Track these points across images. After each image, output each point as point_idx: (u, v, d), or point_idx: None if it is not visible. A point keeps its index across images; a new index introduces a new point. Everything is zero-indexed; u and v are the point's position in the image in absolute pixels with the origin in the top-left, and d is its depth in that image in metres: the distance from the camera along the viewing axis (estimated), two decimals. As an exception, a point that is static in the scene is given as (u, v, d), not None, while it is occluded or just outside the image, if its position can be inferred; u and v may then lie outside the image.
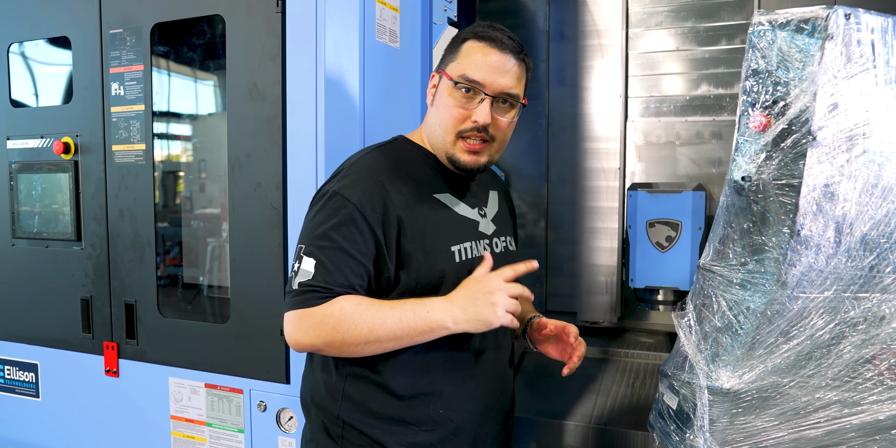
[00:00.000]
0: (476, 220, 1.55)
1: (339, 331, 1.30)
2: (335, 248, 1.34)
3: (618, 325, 2.86)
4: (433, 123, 1.48)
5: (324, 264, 1.34)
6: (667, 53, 2.74)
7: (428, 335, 1.34)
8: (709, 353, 1.44)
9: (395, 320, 1.31)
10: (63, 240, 2.14)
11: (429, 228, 1.42)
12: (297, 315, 1.34)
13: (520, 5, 2.95)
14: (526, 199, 2.95)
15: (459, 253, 1.47)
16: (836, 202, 1.29)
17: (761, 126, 1.31)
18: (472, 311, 1.31)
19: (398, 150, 1.51)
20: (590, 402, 2.47)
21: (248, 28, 1.82)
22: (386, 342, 1.32)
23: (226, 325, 1.90)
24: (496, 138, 1.47)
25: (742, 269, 1.39)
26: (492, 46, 1.43)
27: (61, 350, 2.17)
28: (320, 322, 1.31)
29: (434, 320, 1.32)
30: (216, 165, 2.40)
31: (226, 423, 1.93)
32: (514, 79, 1.45)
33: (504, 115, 1.46)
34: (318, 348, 1.35)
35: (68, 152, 2.10)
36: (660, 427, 1.59)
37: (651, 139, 2.74)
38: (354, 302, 1.33)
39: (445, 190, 1.51)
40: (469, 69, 1.42)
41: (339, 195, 1.37)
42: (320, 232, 1.36)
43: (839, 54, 1.26)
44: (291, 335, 1.35)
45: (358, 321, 1.30)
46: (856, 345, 1.37)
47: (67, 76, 2.18)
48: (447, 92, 1.44)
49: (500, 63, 1.43)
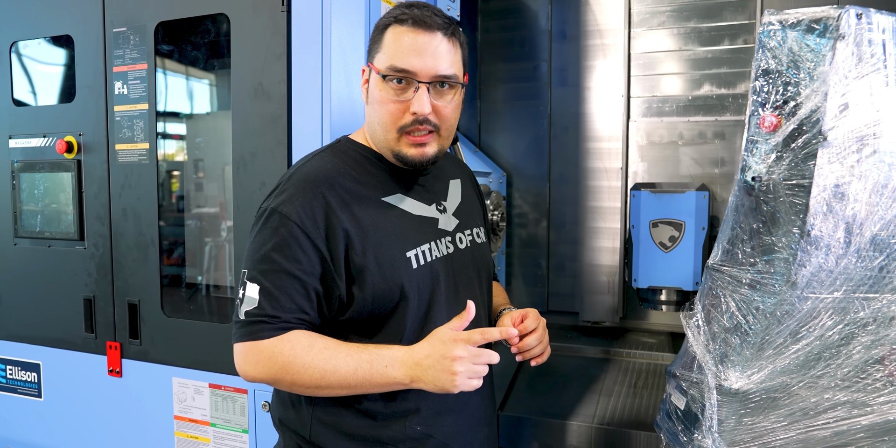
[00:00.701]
0: (434, 217, 1.45)
1: (289, 372, 1.24)
2: (278, 270, 1.26)
3: (620, 325, 2.86)
4: (372, 122, 1.38)
5: (268, 290, 1.25)
6: (669, 53, 2.74)
7: (383, 388, 1.27)
8: (717, 353, 1.44)
9: (349, 370, 1.23)
10: (66, 239, 2.13)
11: (380, 237, 1.32)
12: (245, 348, 1.26)
13: (522, 5, 2.94)
14: (528, 199, 2.95)
15: (417, 258, 1.36)
16: (846, 202, 1.29)
17: (772, 126, 1.31)
18: (430, 374, 1.22)
19: (340, 153, 1.40)
20: (592, 402, 2.47)
21: (253, 27, 1.82)
22: (338, 389, 1.25)
23: (229, 324, 1.88)
24: (441, 126, 1.35)
25: (751, 270, 1.38)
26: (415, 28, 1.29)
27: (64, 350, 2.16)
28: (269, 359, 1.24)
29: (391, 376, 1.23)
30: (218, 164, 2.39)
31: (230, 423, 1.92)
32: (446, 59, 1.31)
33: (443, 99, 1.33)
34: (268, 382, 1.28)
35: (71, 151, 2.09)
36: (667, 428, 1.59)
37: (654, 139, 2.74)
38: (307, 342, 1.25)
39: (396, 190, 1.40)
40: (396, 58, 1.29)
41: (278, 212, 1.27)
42: (261, 254, 1.27)
43: (850, 54, 1.26)
44: (240, 367, 1.28)
45: (308, 365, 1.23)
46: (865, 345, 1.37)
47: (63, 75, 2.17)
48: (378, 86, 1.32)
49: (427, 44, 1.29)
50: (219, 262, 2.37)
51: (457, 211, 1.51)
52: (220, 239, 2.34)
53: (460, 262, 1.46)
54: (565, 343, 2.75)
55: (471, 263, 1.50)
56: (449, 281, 1.41)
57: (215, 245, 2.39)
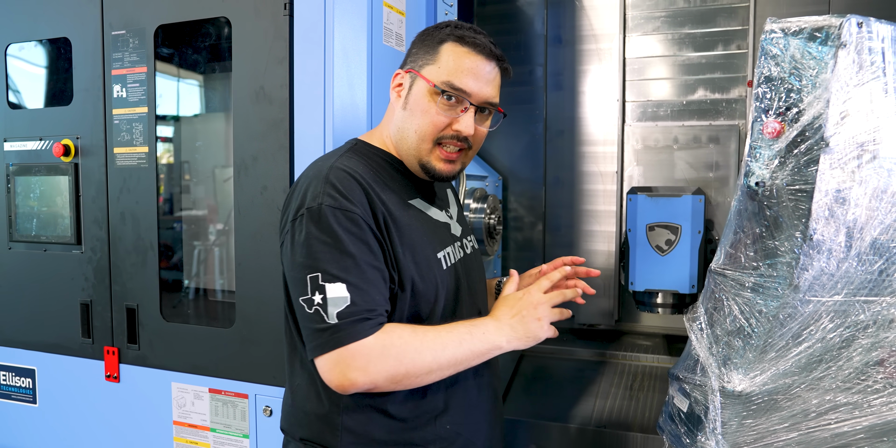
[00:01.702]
0: (448, 222, 1.50)
1: (403, 362, 1.20)
2: (359, 264, 1.21)
3: (615, 328, 2.88)
4: (406, 128, 1.38)
5: (356, 286, 1.20)
6: (663, 58, 2.77)
7: (482, 358, 1.29)
8: (720, 356, 1.46)
9: (455, 344, 1.24)
10: (62, 243, 2.12)
11: (414, 236, 1.33)
12: (350, 352, 1.18)
13: (517, 9, 2.96)
14: (523, 202, 2.96)
15: (445, 259, 1.40)
16: (847, 207, 1.31)
17: (775, 132, 1.33)
18: (521, 329, 1.29)
19: (364, 155, 1.40)
20: (588, 405, 2.48)
21: (254, 31, 1.82)
22: (446, 369, 1.25)
23: (231, 329, 1.88)
24: (473, 146, 1.41)
25: (754, 273, 1.40)
26: (477, 53, 1.35)
27: (60, 355, 2.14)
28: (381, 355, 1.18)
29: (492, 342, 1.27)
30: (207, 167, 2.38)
31: (230, 428, 1.91)
32: (496, 87, 1.39)
33: (484, 124, 1.41)
34: (375, 387, 1.21)
35: (68, 155, 2.07)
36: (670, 430, 1.60)
37: (649, 143, 2.76)
38: (409, 329, 1.24)
39: (416, 195, 1.43)
40: (454, 76, 1.33)
41: (333, 208, 1.23)
42: (337, 252, 1.21)
43: (851, 62, 1.29)
44: (346, 375, 1.18)
45: (421, 349, 1.21)
46: (865, 348, 1.39)
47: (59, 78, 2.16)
48: (426, 97, 1.35)
49: (485, 71, 1.35)
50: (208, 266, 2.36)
51: (458, 218, 1.57)
52: (209, 242, 2.32)
53: (470, 266, 1.50)
54: (561, 346, 2.77)
55: (476, 268, 1.56)
56: (464, 284, 1.44)
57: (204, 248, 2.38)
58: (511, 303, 1.33)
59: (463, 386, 1.41)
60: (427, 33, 1.42)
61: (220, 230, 2.36)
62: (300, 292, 1.21)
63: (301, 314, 1.23)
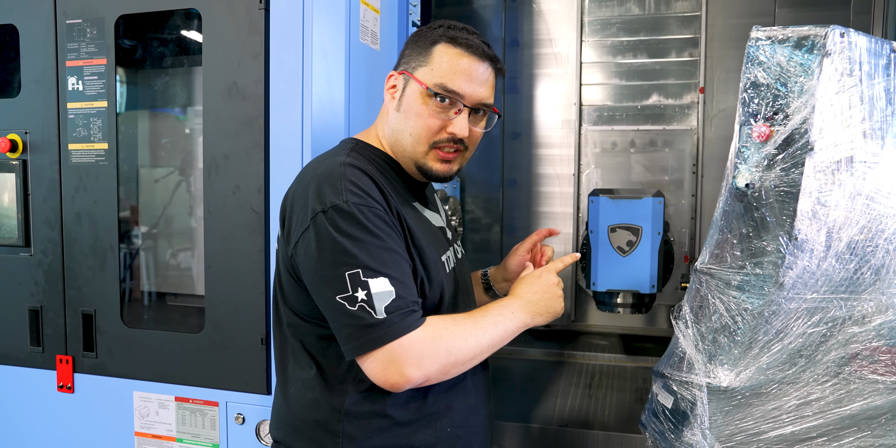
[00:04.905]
0: (443, 226, 1.51)
1: (452, 352, 1.21)
2: (396, 258, 1.21)
3: (571, 328, 2.93)
4: (400, 130, 1.38)
5: (398, 279, 1.19)
6: (619, 63, 2.84)
7: (512, 336, 1.34)
8: (707, 352, 1.50)
9: (492, 326, 1.28)
10: (8, 245, 1.97)
11: (420, 238, 1.32)
12: (403, 348, 1.16)
13: (474, 12, 2.97)
14: (479, 204, 2.98)
15: (446, 262, 1.41)
16: (828, 209, 1.38)
17: (764, 136, 1.38)
18: (543, 305, 1.38)
19: (366, 155, 1.38)
20: (549, 405, 2.51)
21: (227, 24, 1.75)
22: (487, 352, 1.29)
23: (199, 334, 1.80)
24: (469, 147, 1.41)
25: (740, 272, 1.45)
26: (470, 53, 1.34)
27: (5, 366, 1.99)
28: (432, 347, 1.19)
29: (521, 320, 1.34)
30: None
31: (199, 437, 1.83)
32: (490, 88, 1.39)
33: (479, 125, 1.41)
34: (427, 381, 1.20)
35: (15, 150, 1.93)
36: (653, 427, 1.63)
37: (606, 146, 2.83)
38: (449, 318, 1.25)
39: (414, 198, 1.44)
40: (447, 78, 1.33)
41: (360, 204, 1.20)
42: (373, 247, 1.18)
43: (835, 70, 1.35)
44: (402, 372, 1.16)
45: (465, 336, 1.23)
46: (841, 343, 1.46)
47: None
48: (419, 99, 1.34)
49: (479, 72, 1.35)
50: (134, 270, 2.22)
51: (447, 222, 1.58)
52: (133, 246, 2.19)
53: (462, 271, 1.52)
54: (518, 347, 2.79)
55: (467, 273, 1.57)
56: (461, 288, 1.45)
57: (129, 251, 2.25)
58: (530, 281, 1.40)
59: (462, 387, 1.40)
60: (420, 34, 1.41)
61: (146, 233, 2.24)
62: (337, 290, 1.17)
63: (339, 313, 1.18)
